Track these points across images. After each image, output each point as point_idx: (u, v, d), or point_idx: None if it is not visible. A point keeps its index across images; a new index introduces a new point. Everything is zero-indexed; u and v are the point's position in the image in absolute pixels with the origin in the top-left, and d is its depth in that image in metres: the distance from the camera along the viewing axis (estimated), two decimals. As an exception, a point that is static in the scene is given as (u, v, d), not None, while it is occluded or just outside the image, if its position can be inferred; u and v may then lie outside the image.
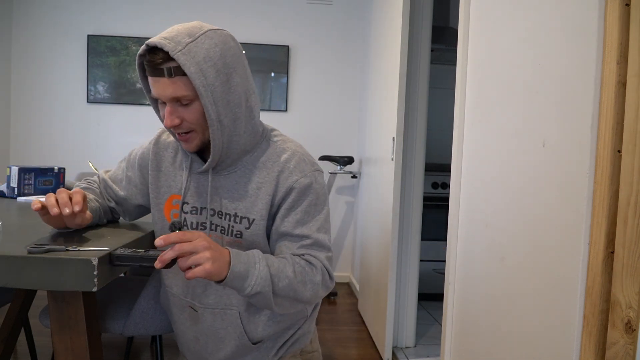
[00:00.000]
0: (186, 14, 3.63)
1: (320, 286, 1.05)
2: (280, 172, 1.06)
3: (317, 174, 1.09)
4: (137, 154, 1.22)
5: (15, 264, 0.84)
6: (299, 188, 1.05)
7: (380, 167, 2.63)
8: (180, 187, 1.13)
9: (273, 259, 1.00)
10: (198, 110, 0.99)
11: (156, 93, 0.98)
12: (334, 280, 1.09)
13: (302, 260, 1.03)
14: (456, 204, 1.56)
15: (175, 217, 1.13)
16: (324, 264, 1.06)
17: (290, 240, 1.06)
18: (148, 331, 1.36)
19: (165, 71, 0.94)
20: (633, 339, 0.83)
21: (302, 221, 1.06)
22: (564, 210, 0.98)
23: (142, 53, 0.97)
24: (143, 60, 0.98)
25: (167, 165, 1.16)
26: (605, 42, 0.88)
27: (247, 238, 1.08)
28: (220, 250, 0.91)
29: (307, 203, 1.06)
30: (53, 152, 3.62)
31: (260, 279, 0.95)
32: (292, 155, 1.08)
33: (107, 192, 1.23)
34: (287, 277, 0.98)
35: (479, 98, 1.43)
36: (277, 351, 1.18)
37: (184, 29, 0.96)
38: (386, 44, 2.57)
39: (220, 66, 0.96)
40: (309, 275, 1.02)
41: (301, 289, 1.01)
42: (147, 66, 0.96)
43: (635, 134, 0.82)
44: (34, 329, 2.52)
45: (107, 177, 1.25)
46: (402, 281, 2.54)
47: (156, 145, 1.18)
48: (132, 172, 1.21)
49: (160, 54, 0.94)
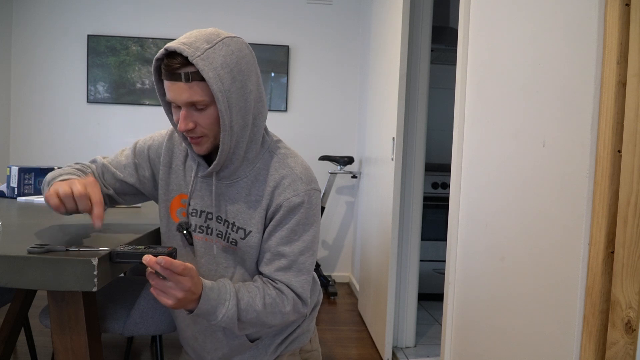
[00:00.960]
0: (186, 14, 3.63)
1: (291, 314, 1.08)
2: (275, 187, 1.07)
3: (311, 193, 1.09)
4: (147, 144, 1.20)
5: (15, 264, 0.84)
6: (288, 206, 1.06)
7: (380, 167, 2.63)
8: (189, 187, 1.13)
9: (244, 291, 1.03)
10: (212, 116, 1.00)
11: (172, 97, 0.99)
12: (306, 305, 1.11)
13: (274, 291, 1.06)
14: (456, 204, 1.56)
15: (183, 215, 1.14)
16: (296, 292, 1.08)
17: (270, 258, 1.08)
18: (148, 331, 1.36)
19: (182, 76, 0.95)
20: (633, 339, 0.83)
21: (288, 239, 1.07)
22: (564, 210, 0.98)
23: (159, 57, 0.98)
24: (160, 63, 0.99)
25: (178, 163, 1.16)
26: (605, 42, 0.88)
27: (241, 247, 1.09)
28: (193, 292, 0.93)
29: (294, 222, 1.07)
30: (53, 152, 3.62)
31: (227, 317, 0.99)
32: (289, 172, 1.09)
33: (106, 178, 1.20)
34: (255, 311, 1.02)
35: (479, 98, 1.43)
36: (276, 349, 1.19)
37: (202, 35, 0.98)
38: (386, 44, 2.57)
39: (236, 73, 0.98)
40: (279, 306, 1.05)
41: (270, 319, 1.05)
42: (164, 70, 0.97)
43: (635, 134, 0.82)
44: (34, 329, 2.52)
45: (107, 162, 1.21)
46: (402, 281, 2.54)
47: (170, 141, 1.17)
48: (140, 160, 1.19)
49: (179, 59, 0.95)
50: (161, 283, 0.90)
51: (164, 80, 0.99)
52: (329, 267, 3.90)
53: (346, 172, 3.49)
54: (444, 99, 3.70)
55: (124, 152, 1.22)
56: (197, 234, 1.12)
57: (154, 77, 1.04)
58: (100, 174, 1.20)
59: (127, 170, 1.19)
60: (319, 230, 1.13)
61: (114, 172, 1.19)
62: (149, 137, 1.21)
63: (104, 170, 1.20)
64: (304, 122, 3.76)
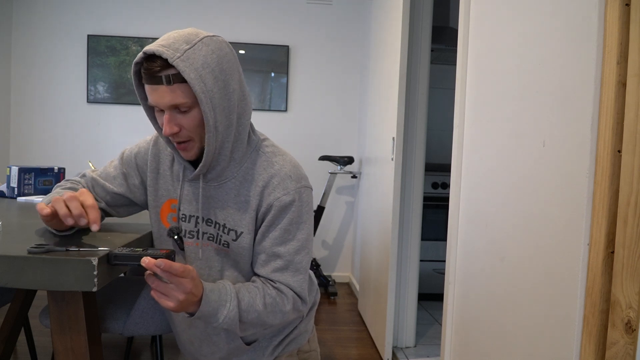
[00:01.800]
0: (186, 14, 3.63)
1: (291, 313, 1.08)
2: (264, 187, 1.06)
3: (302, 190, 1.07)
4: (133, 152, 1.18)
5: (15, 264, 0.84)
6: (279, 206, 1.04)
7: (380, 167, 2.63)
8: (178, 192, 1.13)
9: (244, 292, 1.02)
10: (196, 118, 0.98)
11: (154, 101, 0.97)
12: (306, 303, 1.10)
13: (274, 290, 1.05)
14: (456, 204, 1.56)
15: (174, 220, 1.13)
16: (295, 291, 1.07)
17: (266, 260, 1.07)
18: (148, 331, 1.36)
19: (163, 79, 0.93)
20: (633, 339, 0.82)
21: (282, 239, 1.06)
22: (564, 210, 0.98)
23: (138, 61, 0.96)
24: (139, 68, 0.98)
25: (165, 168, 1.14)
26: (605, 42, 0.88)
27: (234, 249, 1.08)
28: (194, 294, 0.92)
29: (287, 221, 1.05)
30: (53, 152, 3.62)
31: (228, 319, 0.98)
32: (278, 170, 1.07)
33: (97, 191, 1.18)
34: (256, 311, 1.02)
35: (479, 98, 1.43)
36: (273, 350, 1.18)
37: (180, 36, 0.96)
38: (386, 44, 2.57)
39: (217, 72, 0.96)
40: (279, 305, 1.05)
41: (270, 319, 1.05)
42: (144, 74, 0.95)
43: (635, 134, 0.82)
44: (34, 329, 2.52)
45: (97, 176, 1.19)
46: (402, 281, 2.54)
47: (155, 146, 1.16)
48: (129, 169, 1.18)
49: (158, 62, 0.93)
50: (162, 285, 0.89)
51: (145, 84, 0.97)
52: (329, 267, 3.90)
53: (346, 172, 3.49)
54: (444, 99, 3.70)
55: (112, 163, 1.21)
56: (187, 239, 1.11)
57: (133, 82, 1.01)
58: (91, 187, 1.18)
59: (117, 180, 1.17)
60: (312, 227, 1.12)
61: (104, 184, 1.17)
62: (135, 145, 1.20)
63: (94, 184, 1.17)
64: (304, 122, 3.76)
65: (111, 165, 1.20)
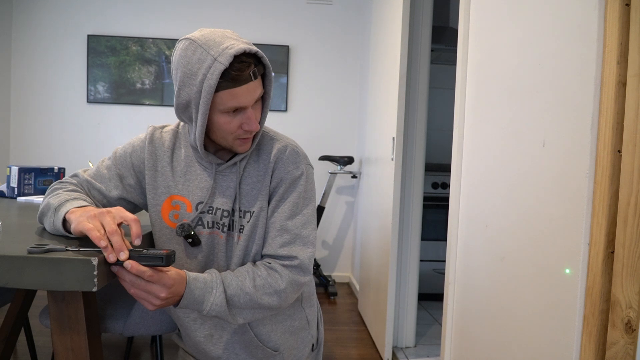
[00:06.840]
0: (186, 14, 3.63)
1: (289, 291, 1.07)
2: (275, 162, 1.11)
3: (308, 167, 1.13)
4: (127, 152, 1.16)
5: (15, 264, 0.84)
6: (289, 179, 1.10)
7: (380, 167, 2.63)
8: (180, 187, 1.12)
9: (231, 278, 1.02)
10: (259, 105, 1.06)
11: (247, 101, 1.00)
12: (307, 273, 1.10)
13: (265, 271, 1.05)
14: (456, 204, 1.56)
15: (175, 217, 1.12)
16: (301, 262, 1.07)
17: (274, 235, 1.09)
18: (148, 331, 1.36)
19: (252, 75, 0.99)
20: (633, 339, 0.83)
21: (291, 213, 1.09)
22: (564, 210, 0.98)
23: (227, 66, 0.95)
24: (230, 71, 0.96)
25: (164, 165, 1.14)
26: (605, 42, 0.88)
27: (246, 232, 1.10)
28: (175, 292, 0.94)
29: (295, 195, 1.10)
30: (53, 152, 3.62)
31: (215, 305, 0.99)
32: (285, 146, 1.12)
33: (93, 194, 1.14)
34: (247, 294, 1.02)
35: (479, 98, 1.43)
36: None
37: (228, 33, 1.01)
38: (386, 44, 2.57)
39: None
40: (273, 285, 1.05)
41: (266, 300, 1.04)
42: (236, 77, 0.96)
43: (635, 134, 0.82)
44: (34, 329, 2.52)
45: (90, 178, 1.15)
46: (402, 281, 2.54)
47: (151, 144, 1.15)
48: (123, 170, 1.15)
49: (249, 60, 0.98)
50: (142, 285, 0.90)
51: (231, 89, 0.97)
52: (329, 267, 3.90)
53: (346, 172, 3.49)
54: (444, 99, 3.70)
55: (104, 162, 1.18)
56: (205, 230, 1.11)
57: (207, 94, 0.96)
58: (87, 190, 1.14)
59: (112, 182, 1.14)
60: (315, 207, 1.15)
61: (99, 187, 1.14)
62: (128, 144, 1.18)
63: (90, 187, 1.14)
64: (304, 122, 3.76)
65: (103, 164, 1.17)
